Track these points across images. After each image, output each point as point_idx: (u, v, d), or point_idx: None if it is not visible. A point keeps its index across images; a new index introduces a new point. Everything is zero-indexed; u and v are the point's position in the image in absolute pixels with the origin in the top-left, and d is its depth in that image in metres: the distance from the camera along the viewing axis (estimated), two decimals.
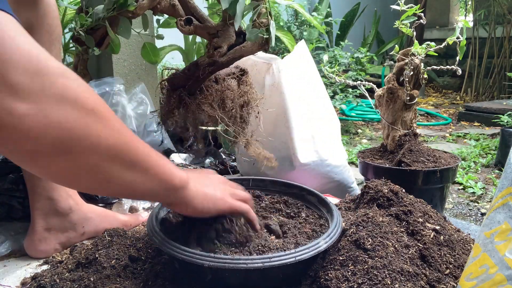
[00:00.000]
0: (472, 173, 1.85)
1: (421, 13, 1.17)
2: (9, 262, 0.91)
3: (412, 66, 1.15)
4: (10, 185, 1.02)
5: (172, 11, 0.84)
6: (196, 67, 0.83)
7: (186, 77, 0.84)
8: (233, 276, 0.64)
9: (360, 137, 2.68)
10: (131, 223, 1.02)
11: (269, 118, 1.30)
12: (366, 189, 0.88)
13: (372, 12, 4.19)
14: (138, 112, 1.51)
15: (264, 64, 1.28)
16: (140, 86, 1.56)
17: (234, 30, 0.83)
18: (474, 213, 1.46)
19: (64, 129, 0.45)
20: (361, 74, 2.74)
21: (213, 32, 0.83)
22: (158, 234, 0.71)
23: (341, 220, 0.77)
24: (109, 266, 0.75)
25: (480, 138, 2.52)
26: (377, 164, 1.19)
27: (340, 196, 1.20)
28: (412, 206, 0.80)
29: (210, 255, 0.65)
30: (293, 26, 3.17)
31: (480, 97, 3.99)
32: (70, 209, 0.94)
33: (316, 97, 1.35)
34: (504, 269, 0.52)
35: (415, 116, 1.25)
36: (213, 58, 0.81)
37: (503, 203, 0.55)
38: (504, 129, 1.94)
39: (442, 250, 0.73)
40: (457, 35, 1.14)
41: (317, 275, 0.70)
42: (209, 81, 0.86)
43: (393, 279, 0.65)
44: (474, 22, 4.11)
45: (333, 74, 1.36)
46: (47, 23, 0.86)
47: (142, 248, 0.80)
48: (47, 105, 0.44)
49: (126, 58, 1.62)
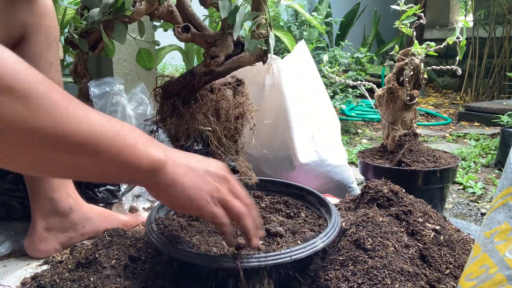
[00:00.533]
0: (472, 173, 1.85)
1: (421, 13, 1.17)
2: (9, 262, 0.91)
3: (412, 66, 1.15)
4: (10, 185, 1.02)
5: (169, 17, 0.83)
6: (192, 76, 0.81)
7: (181, 85, 0.82)
8: (229, 274, 0.64)
9: (360, 137, 2.68)
10: (131, 223, 1.02)
11: (269, 118, 1.30)
12: (366, 189, 0.88)
13: (372, 12, 4.19)
14: (138, 112, 1.51)
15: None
16: (140, 86, 1.57)
17: (232, 40, 0.81)
18: (474, 213, 1.46)
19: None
20: (361, 74, 2.74)
21: (211, 40, 0.81)
22: (155, 233, 0.72)
23: (340, 220, 0.77)
24: (109, 266, 0.75)
25: (480, 138, 2.52)
26: (377, 164, 1.19)
27: (340, 196, 1.20)
28: (412, 206, 0.80)
29: (206, 255, 0.65)
30: (293, 26, 3.17)
31: (480, 97, 3.99)
32: (70, 209, 0.94)
33: (316, 97, 1.35)
34: (504, 269, 0.52)
35: (415, 116, 1.25)
36: (209, 67, 0.79)
37: (503, 203, 0.55)
38: (504, 129, 1.94)
39: (442, 250, 0.73)
40: (457, 35, 1.14)
41: (317, 275, 0.70)
42: (204, 90, 0.84)
43: (393, 279, 0.65)
44: (474, 22, 4.10)
45: (333, 74, 1.36)
46: (45, 24, 0.86)
47: (142, 248, 0.80)
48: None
49: (126, 58, 1.62)
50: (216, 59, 0.79)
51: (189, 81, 0.81)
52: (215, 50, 0.79)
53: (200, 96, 0.82)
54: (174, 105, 0.82)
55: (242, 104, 0.86)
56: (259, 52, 0.82)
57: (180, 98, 0.82)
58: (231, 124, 0.84)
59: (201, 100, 0.82)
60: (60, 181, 0.92)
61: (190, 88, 0.81)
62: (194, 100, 0.82)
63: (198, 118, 0.81)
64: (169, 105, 0.82)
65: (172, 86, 0.83)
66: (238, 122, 0.85)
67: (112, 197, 1.13)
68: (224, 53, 0.80)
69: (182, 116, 0.81)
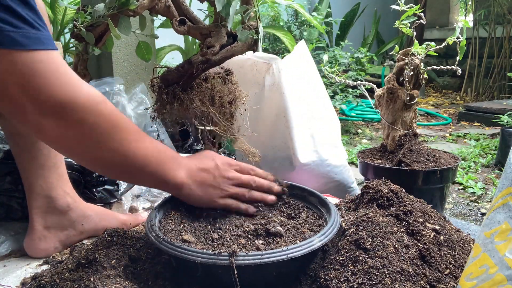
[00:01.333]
0: (472, 173, 1.85)
1: (421, 13, 1.17)
2: (9, 262, 0.91)
3: (412, 66, 1.15)
4: (9, 185, 1.02)
5: (167, 12, 0.90)
6: (190, 65, 0.87)
7: (180, 74, 0.89)
8: (226, 272, 0.64)
9: (360, 137, 2.68)
10: (131, 223, 1.02)
11: (269, 118, 1.30)
12: (366, 189, 0.88)
13: (372, 12, 4.19)
14: (138, 112, 1.51)
15: (264, 64, 1.28)
16: (140, 86, 1.57)
17: (226, 31, 0.88)
18: (474, 213, 1.46)
19: (83, 143, 0.69)
20: (361, 74, 2.74)
21: (205, 32, 0.88)
22: (155, 232, 0.72)
23: (339, 220, 0.77)
24: (109, 266, 0.74)
25: (480, 138, 2.52)
26: (377, 164, 1.19)
27: (340, 196, 1.20)
28: (412, 206, 0.80)
29: (202, 252, 0.65)
30: (293, 26, 3.17)
31: (480, 97, 3.99)
32: (68, 206, 0.94)
33: (316, 97, 1.35)
34: (504, 269, 0.52)
35: (415, 116, 1.25)
36: (206, 56, 0.86)
37: (503, 203, 0.55)
38: (504, 129, 1.94)
39: (442, 250, 0.73)
40: (457, 35, 1.13)
41: (317, 275, 0.70)
42: (199, 79, 0.92)
43: (393, 279, 0.65)
44: (474, 22, 4.11)
45: (333, 74, 1.36)
46: None
47: (142, 248, 0.80)
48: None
49: (126, 58, 1.62)
50: (212, 49, 0.86)
51: (187, 70, 0.88)
52: (210, 40, 0.87)
53: (196, 85, 0.91)
54: (175, 92, 0.90)
55: (233, 91, 0.96)
56: (250, 42, 0.89)
57: (180, 86, 0.90)
58: (226, 108, 0.94)
59: (197, 88, 0.91)
60: (57, 179, 0.93)
61: (189, 76, 0.89)
62: (190, 88, 0.91)
63: (196, 104, 0.90)
64: (169, 93, 0.91)
65: (172, 75, 0.91)
66: (232, 106, 0.95)
67: (111, 197, 1.13)
68: (219, 43, 0.87)
69: (183, 102, 0.90)
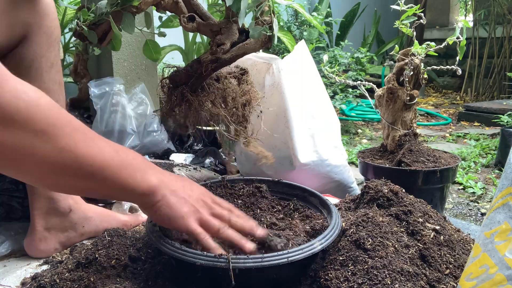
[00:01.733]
0: (472, 173, 1.85)
1: (421, 13, 1.17)
2: (9, 262, 0.91)
3: (412, 66, 1.15)
4: (9, 185, 1.02)
5: (175, 8, 0.84)
6: (199, 64, 0.82)
7: (188, 74, 0.84)
8: (226, 275, 0.64)
9: (360, 137, 2.68)
10: (131, 223, 1.02)
11: (269, 118, 1.30)
12: (366, 189, 0.88)
13: (372, 12, 4.19)
14: (138, 112, 1.51)
15: (264, 64, 1.28)
16: (140, 86, 1.57)
17: (237, 28, 0.82)
18: (474, 213, 1.46)
19: (10, 149, 0.51)
20: (361, 74, 2.74)
21: (216, 29, 0.82)
22: (156, 233, 0.72)
23: (340, 222, 0.76)
24: (109, 266, 0.75)
25: (480, 138, 2.52)
26: (377, 164, 1.19)
27: (340, 196, 1.20)
28: (412, 206, 0.80)
29: (203, 254, 0.65)
30: (293, 26, 3.17)
31: (480, 97, 3.99)
32: (69, 208, 0.94)
33: (316, 97, 1.35)
34: (504, 269, 0.52)
35: (415, 116, 1.25)
36: (216, 55, 0.81)
37: (503, 203, 0.55)
38: (504, 129, 1.94)
39: (442, 250, 0.73)
40: (457, 35, 1.13)
41: (317, 275, 0.70)
42: (211, 79, 0.86)
43: (393, 279, 0.65)
44: (474, 22, 4.10)
45: (333, 74, 1.36)
46: (46, 24, 0.86)
47: (142, 248, 0.80)
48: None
49: (126, 58, 1.62)
50: (222, 47, 0.80)
51: (196, 70, 0.82)
52: (221, 38, 0.81)
53: (207, 85, 0.85)
54: (183, 93, 0.84)
55: (248, 91, 0.88)
56: (263, 38, 0.83)
57: (188, 87, 0.84)
58: (239, 111, 0.87)
59: (208, 88, 0.85)
60: None
61: (198, 76, 0.83)
62: (201, 89, 0.84)
63: (207, 105, 0.83)
64: (177, 94, 0.84)
65: (180, 75, 0.85)
66: (245, 109, 0.88)
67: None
68: (229, 40, 0.82)
69: (191, 104, 0.83)
